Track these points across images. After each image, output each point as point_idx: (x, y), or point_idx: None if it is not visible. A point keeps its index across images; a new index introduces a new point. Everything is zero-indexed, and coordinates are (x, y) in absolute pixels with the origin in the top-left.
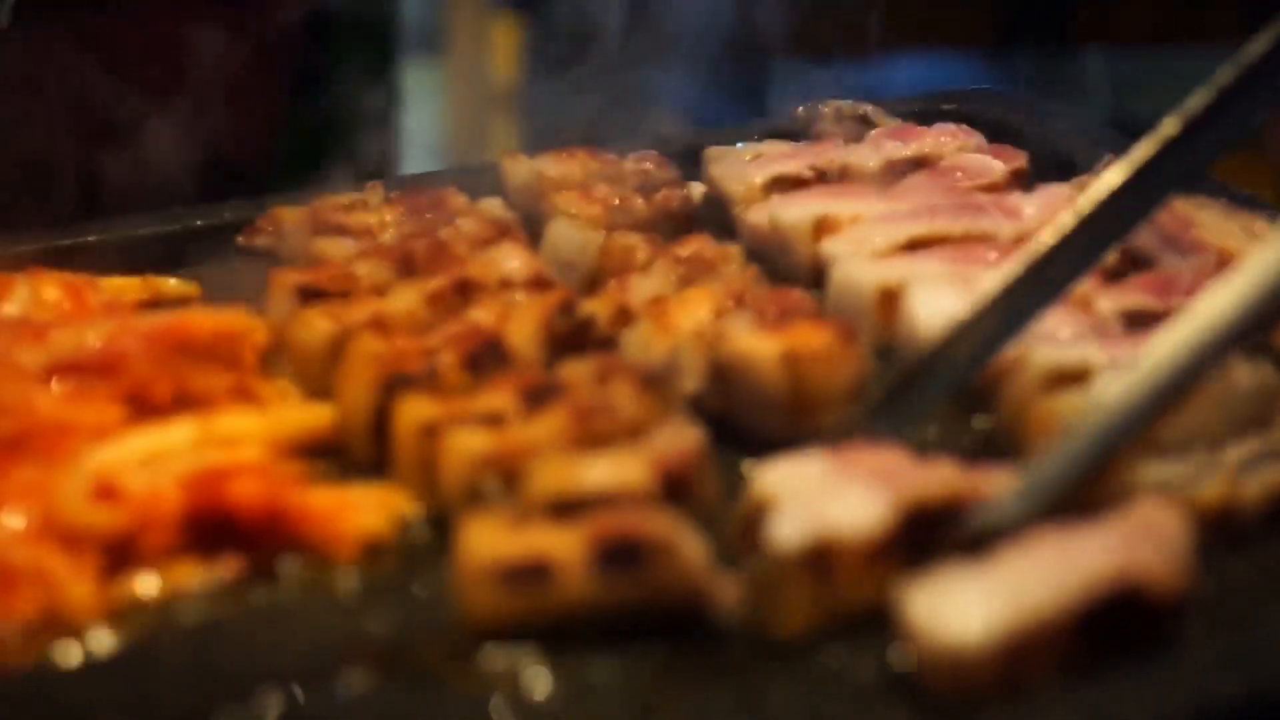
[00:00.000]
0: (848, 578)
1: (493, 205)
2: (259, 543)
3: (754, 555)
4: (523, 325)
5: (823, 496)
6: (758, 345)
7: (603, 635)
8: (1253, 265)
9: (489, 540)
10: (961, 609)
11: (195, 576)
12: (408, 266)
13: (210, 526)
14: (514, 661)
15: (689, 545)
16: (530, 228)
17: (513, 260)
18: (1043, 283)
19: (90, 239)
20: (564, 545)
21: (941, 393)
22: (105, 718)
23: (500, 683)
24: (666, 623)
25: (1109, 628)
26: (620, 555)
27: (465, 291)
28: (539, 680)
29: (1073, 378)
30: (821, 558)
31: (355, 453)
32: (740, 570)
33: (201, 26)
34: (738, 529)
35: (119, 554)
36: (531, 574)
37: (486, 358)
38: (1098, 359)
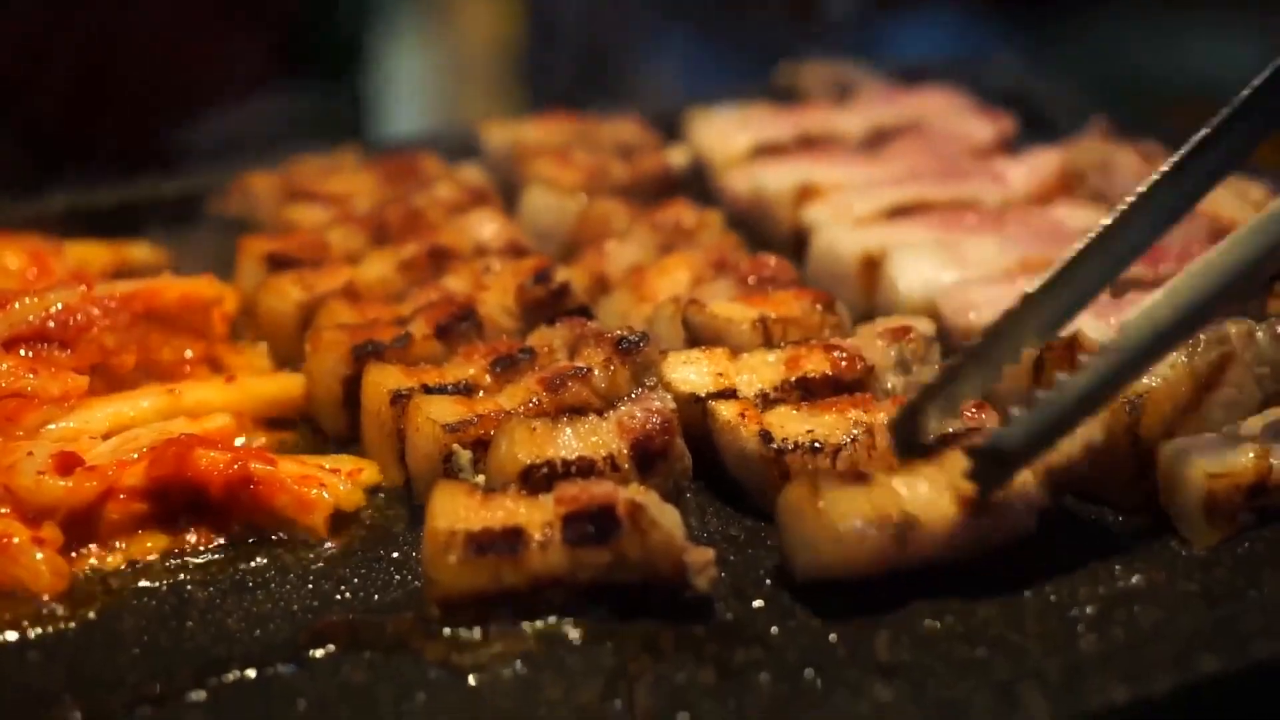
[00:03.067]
0: None
1: (469, 172)
2: (227, 514)
3: None
4: (497, 293)
5: None
6: (734, 312)
7: (573, 607)
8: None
9: (458, 510)
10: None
11: (161, 548)
12: (381, 234)
13: (177, 498)
14: (482, 632)
15: (661, 517)
16: (510, 194)
17: (488, 227)
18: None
19: (57, 205)
20: (534, 516)
21: (992, 379)
22: (67, 691)
23: (469, 653)
24: (640, 594)
25: None
26: (591, 527)
27: (439, 259)
28: (507, 650)
29: (1063, 345)
30: None
31: (325, 424)
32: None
33: None
34: None
35: (83, 525)
36: (501, 544)
37: (459, 326)
38: (1088, 326)
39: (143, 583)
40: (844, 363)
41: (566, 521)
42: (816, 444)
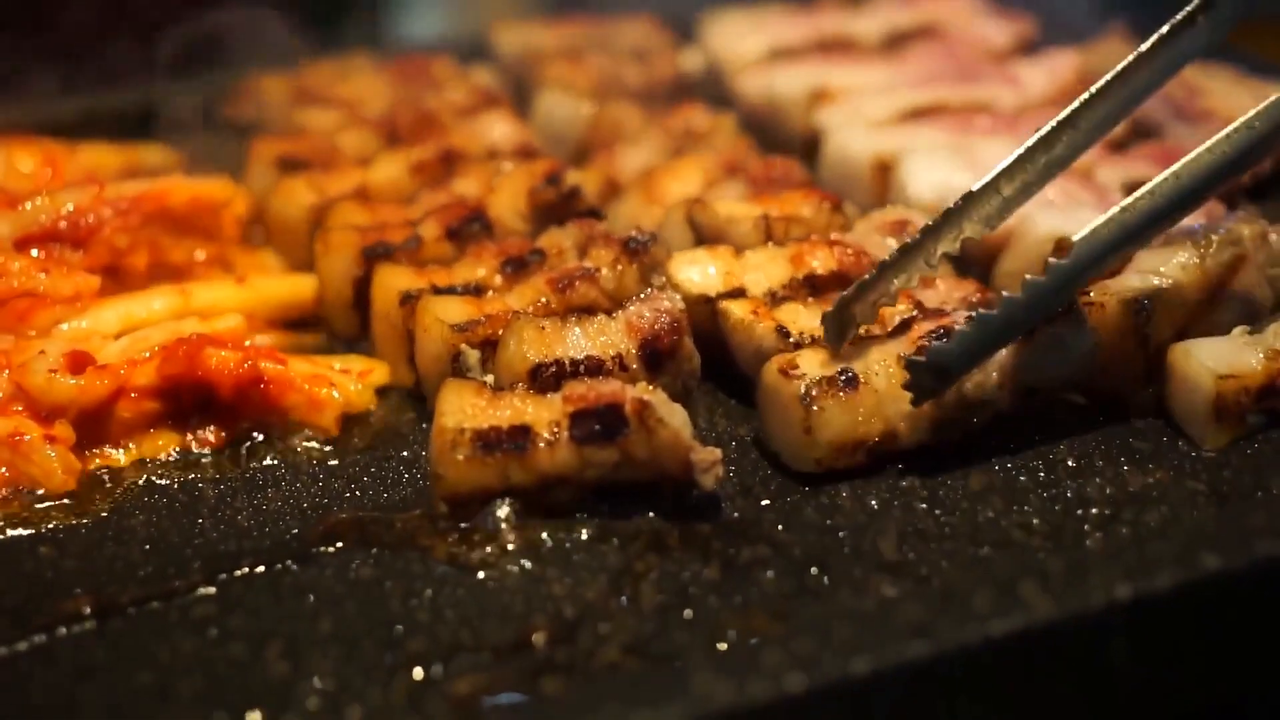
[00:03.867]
0: None
1: (481, 75)
2: (237, 413)
3: None
4: (508, 196)
5: None
6: (737, 210)
7: (580, 505)
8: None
9: (465, 408)
10: None
11: (173, 446)
12: (392, 136)
13: (188, 397)
14: (489, 530)
15: (669, 415)
16: (523, 97)
17: (499, 130)
18: (1051, 158)
19: (70, 108)
20: (541, 415)
21: (928, 269)
22: (79, 584)
23: (476, 549)
24: (647, 492)
25: None
26: (598, 425)
27: (450, 161)
28: (514, 547)
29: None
30: None
31: (335, 325)
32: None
33: None
34: None
35: (94, 423)
36: (508, 442)
37: (469, 228)
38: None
39: (154, 480)
40: (851, 258)
41: (574, 419)
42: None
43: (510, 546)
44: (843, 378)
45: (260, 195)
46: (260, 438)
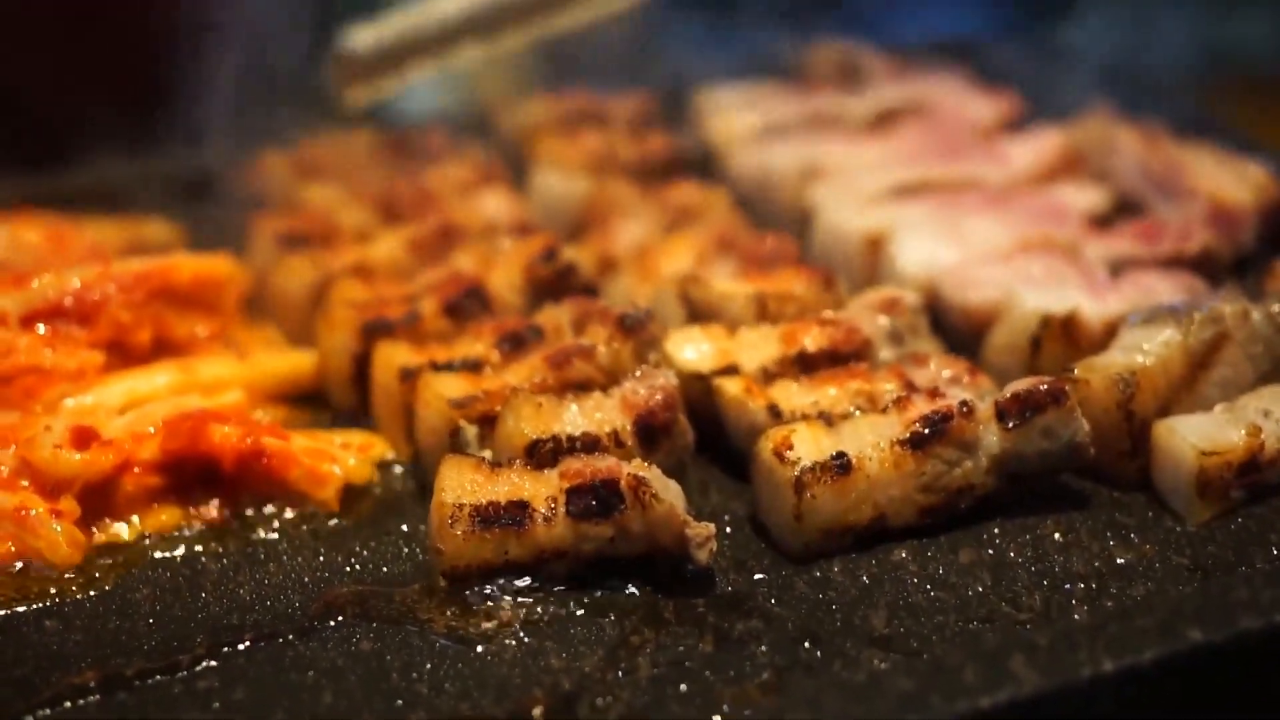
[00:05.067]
0: None
1: (477, 150)
2: (239, 487)
3: None
4: (504, 272)
5: None
6: (731, 289)
7: (576, 580)
8: None
9: (464, 484)
10: None
11: (176, 520)
12: (392, 212)
13: (191, 471)
14: (488, 603)
15: (664, 491)
16: (520, 172)
17: (497, 205)
18: None
19: (72, 181)
20: (539, 490)
21: None
22: (84, 658)
23: (474, 623)
24: (642, 566)
25: None
26: (594, 500)
27: (449, 237)
28: (512, 621)
29: (1060, 324)
30: None
31: (336, 400)
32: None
33: None
34: None
35: (99, 498)
36: (506, 517)
37: (467, 304)
38: (1084, 305)
39: (157, 554)
40: (842, 336)
41: (570, 495)
42: (823, 415)
43: (508, 620)
44: (836, 462)
45: (262, 271)
46: (262, 511)
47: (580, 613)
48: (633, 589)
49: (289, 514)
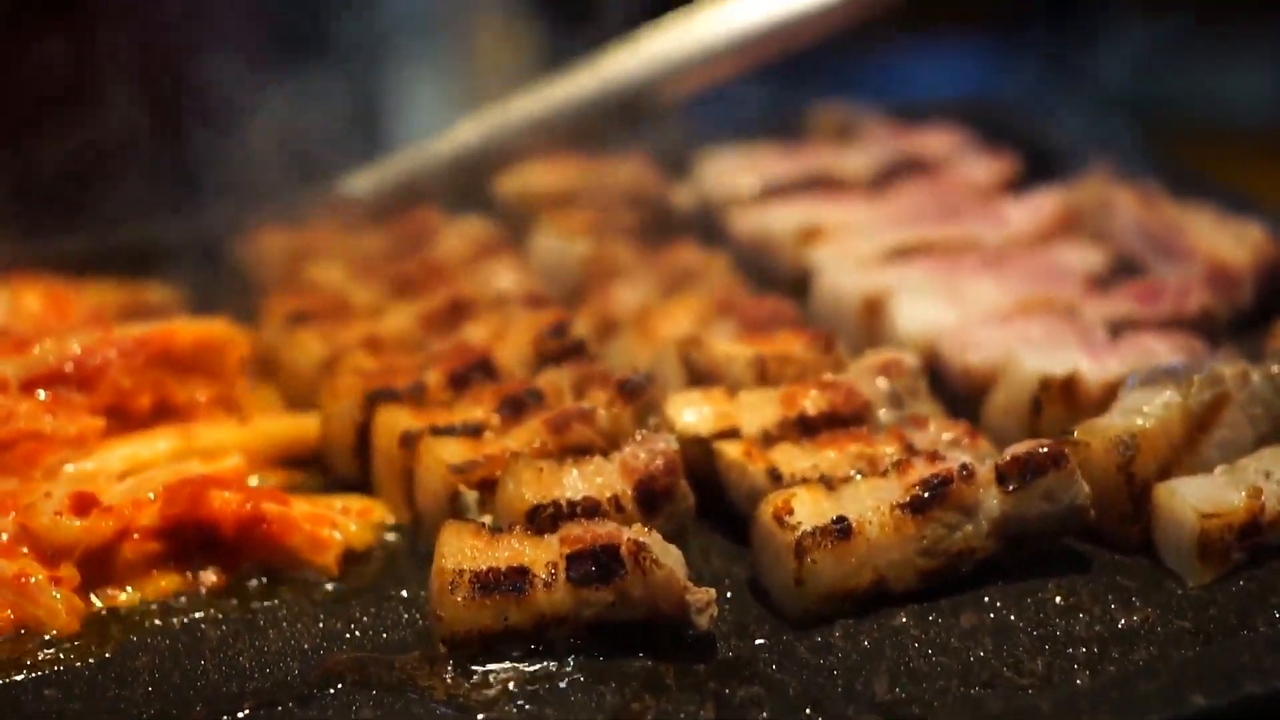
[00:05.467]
0: None
1: (481, 224)
2: (239, 553)
3: None
4: (513, 344)
5: None
6: (732, 351)
7: (577, 644)
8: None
9: (464, 550)
10: None
11: (175, 587)
12: (401, 287)
13: (191, 537)
14: (488, 670)
15: (664, 556)
16: (523, 237)
17: (505, 277)
18: None
19: (73, 246)
20: (539, 556)
21: None
22: None
23: (475, 690)
24: (642, 631)
25: None
26: (594, 566)
27: (458, 309)
28: (513, 688)
29: (1060, 386)
30: None
31: (338, 468)
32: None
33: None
34: None
35: (99, 565)
36: (506, 584)
37: (474, 375)
38: (1084, 367)
39: (157, 621)
40: (841, 399)
41: (571, 561)
42: (824, 479)
43: (509, 687)
44: (836, 527)
45: (273, 346)
46: (262, 577)
47: (581, 679)
48: (633, 654)
49: (289, 579)
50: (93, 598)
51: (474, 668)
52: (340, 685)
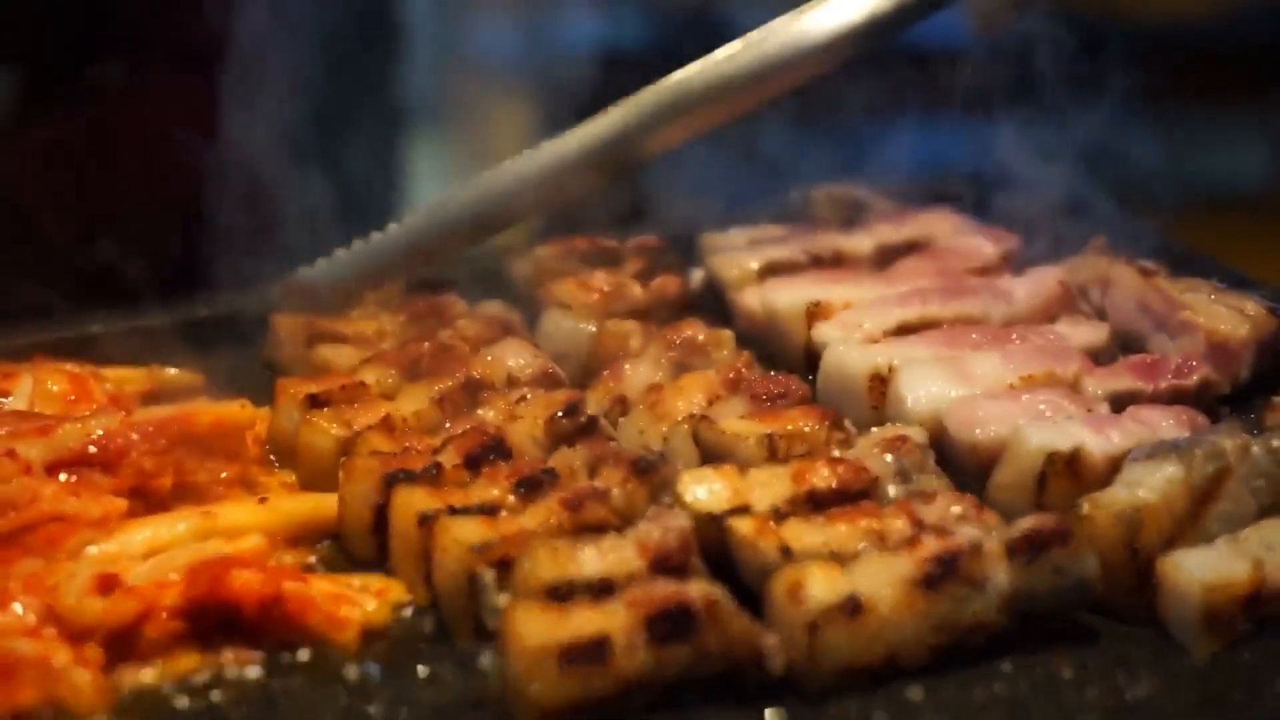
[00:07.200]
0: None
1: (492, 306)
2: (261, 632)
3: None
4: (527, 424)
5: None
6: (742, 429)
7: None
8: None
9: (541, 626)
10: None
11: (197, 665)
12: (414, 370)
13: (212, 617)
14: None
15: (733, 607)
16: (535, 317)
17: (518, 358)
18: None
19: (94, 329)
20: (615, 622)
21: None
22: None
23: None
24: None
25: None
26: (672, 625)
27: (473, 391)
28: None
29: (1065, 461)
30: None
31: (356, 550)
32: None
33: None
34: None
35: (122, 645)
36: (591, 652)
37: (488, 456)
38: (1089, 441)
39: (178, 700)
40: (851, 475)
41: (650, 623)
42: (834, 554)
43: None
44: (849, 604)
45: (287, 430)
46: (283, 655)
47: None
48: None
49: (309, 657)
50: (116, 676)
51: None
52: None
